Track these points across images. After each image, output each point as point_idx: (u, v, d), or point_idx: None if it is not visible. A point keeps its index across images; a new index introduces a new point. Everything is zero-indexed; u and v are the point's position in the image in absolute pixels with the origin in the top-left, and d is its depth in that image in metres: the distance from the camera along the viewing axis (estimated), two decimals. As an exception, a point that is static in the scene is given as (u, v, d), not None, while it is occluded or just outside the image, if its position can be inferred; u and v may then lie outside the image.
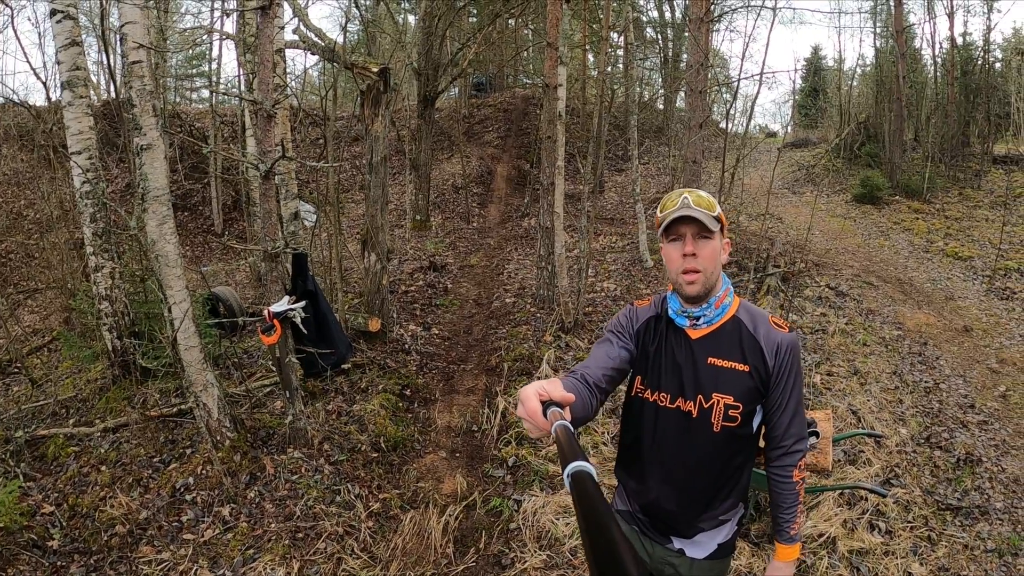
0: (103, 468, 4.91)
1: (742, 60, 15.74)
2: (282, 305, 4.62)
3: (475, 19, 21.62)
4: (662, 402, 1.97)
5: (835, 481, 5.07)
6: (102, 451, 5.16)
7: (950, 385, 7.62)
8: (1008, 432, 6.46)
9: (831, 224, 16.47)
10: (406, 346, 7.34)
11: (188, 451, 5.17)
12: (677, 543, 2.08)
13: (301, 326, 4.53)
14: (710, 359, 1.93)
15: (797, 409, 1.98)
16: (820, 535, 4.38)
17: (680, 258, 1.92)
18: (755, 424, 1.99)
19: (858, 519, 4.60)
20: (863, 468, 5.45)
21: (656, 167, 21.10)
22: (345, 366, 6.40)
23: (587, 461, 0.98)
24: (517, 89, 25.41)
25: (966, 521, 4.85)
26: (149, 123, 4.19)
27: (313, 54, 7.86)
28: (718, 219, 1.89)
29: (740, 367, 1.91)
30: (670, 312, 2.00)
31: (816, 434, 4.15)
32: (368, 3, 20.89)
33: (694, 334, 1.97)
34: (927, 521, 4.73)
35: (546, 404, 1.32)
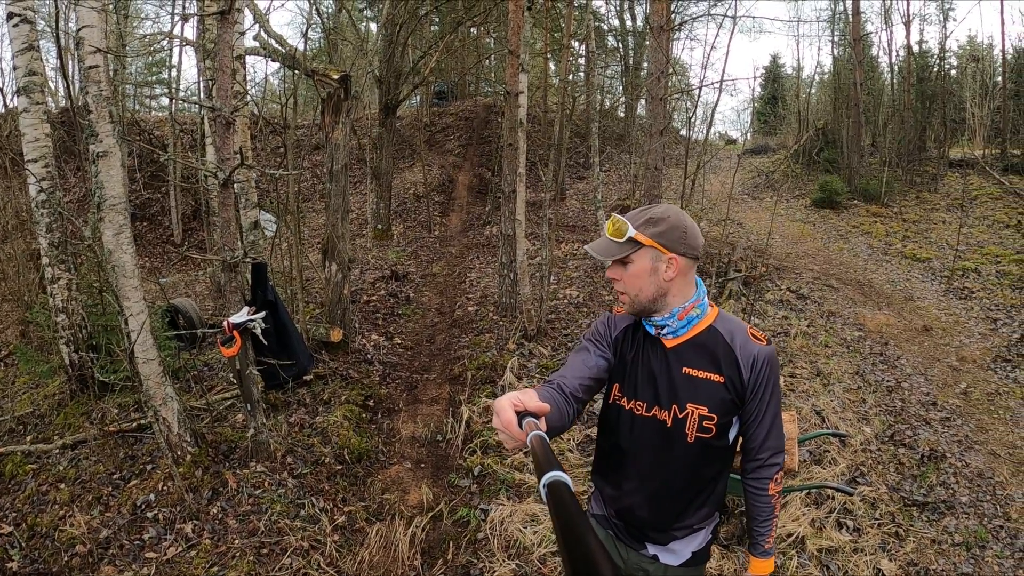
0: (62, 486, 4.79)
1: (703, 68, 16.01)
2: (241, 316, 4.54)
3: (437, 27, 21.60)
4: (638, 410, 1.96)
5: (801, 481, 5.13)
6: (60, 468, 5.03)
7: (912, 384, 7.75)
8: (970, 428, 6.60)
9: (791, 228, 16.76)
10: (368, 356, 7.27)
11: (148, 467, 5.05)
12: (651, 549, 2.08)
13: (261, 337, 4.46)
14: (685, 369, 1.92)
15: (774, 422, 1.97)
16: (789, 535, 4.42)
17: None
18: (731, 436, 1.98)
19: (826, 518, 4.65)
20: (829, 468, 5.49)
21: (617, 174, 21.30)
22: (307, 377, 6.32)
23: (562, 471, 0.98)
24: (479, 97, 25.43)
25: (933, 516, 4.94)
26: (105, 130, 4.10)
27: (274, 61, 7.78)
28: (634, 241, 1.88)
29: (715, 378, 1.90)
30: (643, 320, 2.00)
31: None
32: (330, 11, 20.81)
33: (669, 343, 1.96)
34: (894, 517, 4.80)
35: (521, 415, 1.33)
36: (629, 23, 26.25)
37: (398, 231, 15.08)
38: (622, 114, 26.07)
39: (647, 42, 25.36)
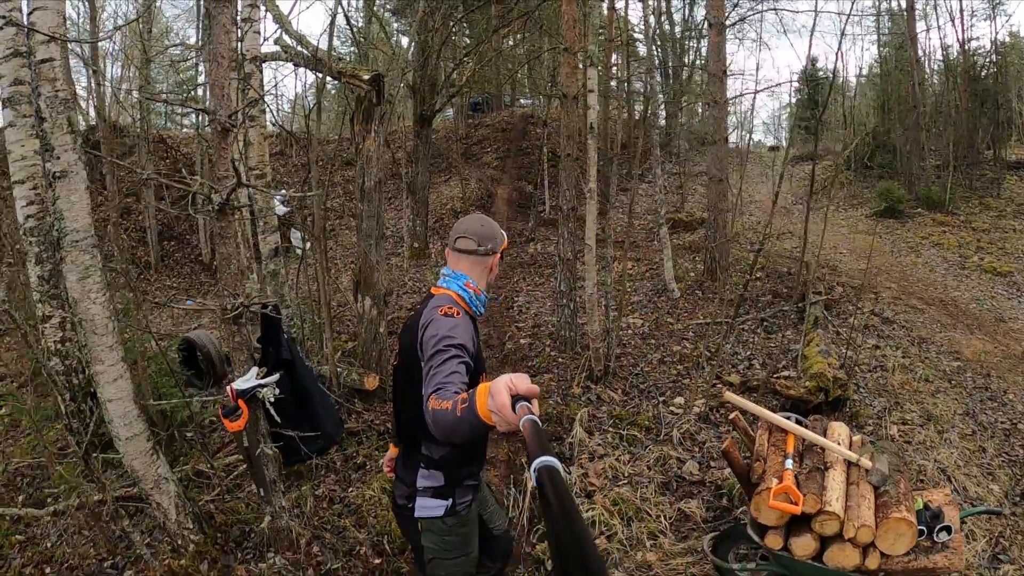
0: (48, 571, 4.13)
1: (757, 70, 14.80)
2: (248, 380, 3.51)
3: (469, 39, 20.70)
4: None
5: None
6: (50, 544, 4.36)
7: (1029, 424, 6.69)
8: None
9: (856, 241, 15.50)
10: (409, 404, 6.21)
11: (147, 551, 4.15)
12: None
13: (273, 412, 3.41)
14: None
15: None
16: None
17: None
18: None
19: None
20: (968, 545, 4.42)
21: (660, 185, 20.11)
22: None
23: (554, 456, 1.04)
24: (516, 107, 24.48)
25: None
26: (64, 143, 3.10)
27: (297, 65, 6.84)
28: None
29: None
30: (481, 308, 2.44)
31: (948, 529, 3.20)
32: (359, 24, 20.06)
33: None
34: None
35: (515, 398, 1.39)
36: (667, 27, 25.11)
37: (436, 249, 14.06)
38: (662, 122, 24.91)
39: (692, 43, 24.30)
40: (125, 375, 3.55)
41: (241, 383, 3.52)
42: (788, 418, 3.56)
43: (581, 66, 7.02)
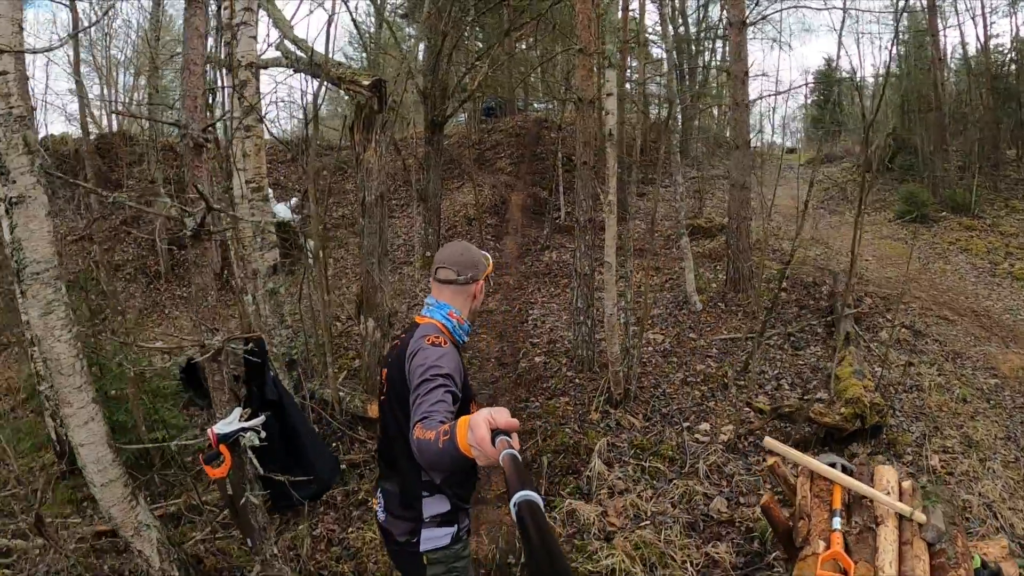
0: None
1: (776, 70, 14.35)
2: (231, 423, 3.17)
3: (481, 43, 20.33)
4: None
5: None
6: None
7: (1074, 448, 6.25)
8: None
9: (881, 247, 14.98)
10: (416, 431, 5.83)
11: None
12: None
13: (253, 458, 3.07)
14: None
15: None
16: None
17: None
18: None
19: None
20: None
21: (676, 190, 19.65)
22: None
23: (534, 491, 1.04)
24: (529, 112, 24.08)
25: None
26: (20, 164, 2.77)
27: (296, 70, 6.53)
28: None
29: None
30: (464, 337, 2.41)
31: (1005, 583, 2.82)
32: (371, 31, 19.78)
33: None
34: None
35: (495, 432, 1.38)
36: (682, 29, 24.66)
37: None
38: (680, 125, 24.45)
39: (706, 44, 23.84)
40: (97, 417, 3.21)
41: (223, 426, 3.18)
42: (833, 465, 3.17)
43: (597, 69, 6.63)
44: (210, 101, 5.73)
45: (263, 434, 3.23)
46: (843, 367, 6.60)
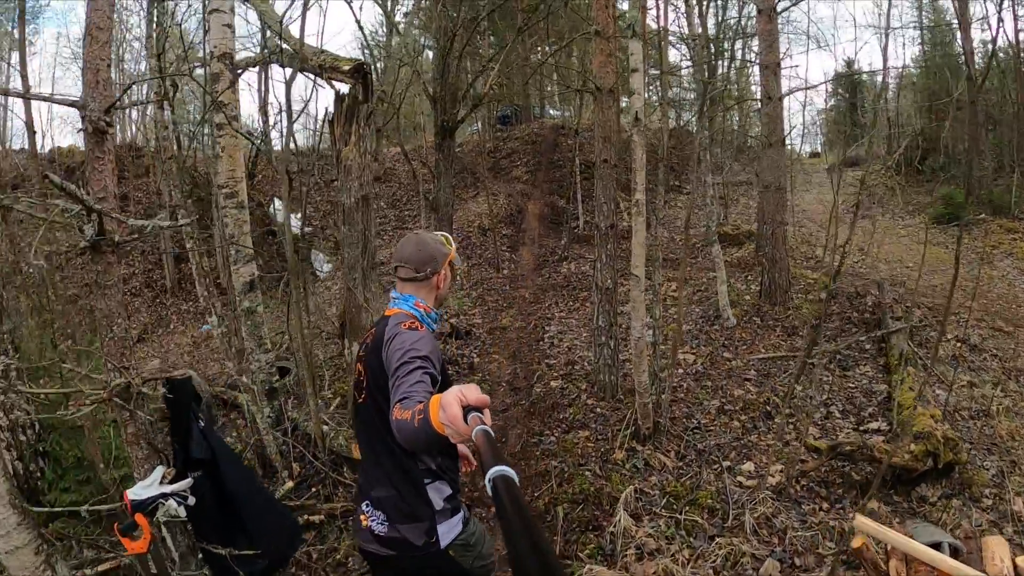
0: None
1: (807, 65, 13.59)
2: (149, 487, 2.45)
3: (494, 46, 19.68)
4: None
5: None
6: None
7: None
8: None
9: (920, 252, 14.08)
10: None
11: None
12: None
13: (164, 533, 2.33)
14: None
15: None
16: None
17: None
18: None
19: None
20: None
21: (699, 194, 18.84)
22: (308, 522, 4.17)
23: (508, 465, 1.03)
24: (546, 118, 23.41)
25: None
26: None
27: (282, 66, 5.86)
28: None
29: None
30: (433, 324, 2.35)
31: None
32: (382, 39, 19.20)
33: None
34: None
35: (466, 409, 1.36)
36: (699, 30, 23.80)
37: (461, 271, 12.97)
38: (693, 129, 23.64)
39: (726, 44, 22.98)
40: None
41: (139, 490, 2.47)
42: (938, 545, 2.38)
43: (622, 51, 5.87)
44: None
45: (191, 500, 2.51)
46: (903, 391, 5.77)
